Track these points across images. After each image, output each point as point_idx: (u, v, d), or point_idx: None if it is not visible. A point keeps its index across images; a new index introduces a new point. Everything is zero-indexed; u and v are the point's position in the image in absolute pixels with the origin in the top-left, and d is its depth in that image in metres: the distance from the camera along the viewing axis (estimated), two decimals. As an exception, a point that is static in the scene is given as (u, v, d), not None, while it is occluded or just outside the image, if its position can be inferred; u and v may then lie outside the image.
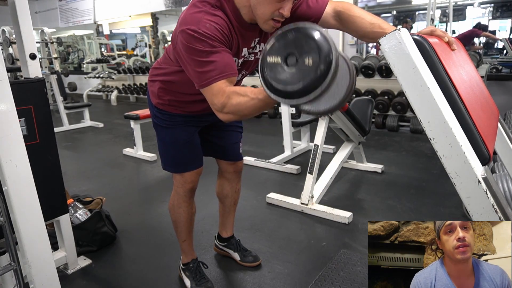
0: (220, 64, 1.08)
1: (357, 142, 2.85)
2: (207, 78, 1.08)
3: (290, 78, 0.89)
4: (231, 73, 1.09)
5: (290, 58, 0.90)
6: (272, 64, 0.92)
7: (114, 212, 2.33)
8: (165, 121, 1.48)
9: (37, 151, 1.55)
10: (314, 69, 0.86)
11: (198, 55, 1.08)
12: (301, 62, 0.88)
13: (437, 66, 0.90)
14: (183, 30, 1.09)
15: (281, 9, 1.10)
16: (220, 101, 1.07)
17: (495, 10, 9.06)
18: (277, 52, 0.92)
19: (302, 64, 0.88)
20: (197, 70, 1.10)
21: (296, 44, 0.89)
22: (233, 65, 1.12)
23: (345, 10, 1.24)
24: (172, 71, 1.36)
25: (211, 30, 1.08)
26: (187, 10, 1.15)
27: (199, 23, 1.08)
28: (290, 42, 0.91)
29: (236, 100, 1.05)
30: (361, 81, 4.85)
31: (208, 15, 1.10)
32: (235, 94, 1.06)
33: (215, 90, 1.08)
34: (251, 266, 1.83)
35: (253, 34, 1.25)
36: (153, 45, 8.50)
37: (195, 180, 1.57)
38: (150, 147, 4.07)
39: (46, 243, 1.25)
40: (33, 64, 1.63)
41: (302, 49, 0.89)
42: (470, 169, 0.84)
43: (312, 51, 0.87)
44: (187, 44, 1.08)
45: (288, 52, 0.90)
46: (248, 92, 1.05)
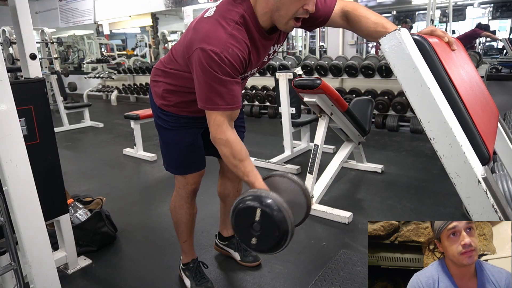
0: (229, 97, 1.14)
1: (357, 142, 2.85)
2: (213, 104, 1.15)
3: (256, 241, 1.09)
4: (236, 106, 1.18)
5: (255, 225, 1.08)
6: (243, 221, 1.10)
7: (114, 212, 2.33)
8: (169, 122, 1.46)
9: (37, 151, 1.55)
10: (273, 245, 1.08)
11: (213, 80, 1.11)
12: (263, 234, 1.07)
13: (437, 66, 0.90)
14: (204, 49, 1.09)
15: (305, 6, 1.11)
16: (218, 135, 1.18)
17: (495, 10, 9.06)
18: (245, 220, 1.09)
19: (264, 236, 1.08)
20: (207, 93, 1.15)
21: (259, 221, 1.07)
22: (239, 98, 1.20)
23: (352, 10, 1.25)
24: (180, 73, 1.33)
25: (233, 58, 1.10)
26: (211, 26, 1.13)
27: (223, 46, 1.08)
28: (252, 217, 1.07)
29: (227, 152, 1.18)
30: (361, 81, 4.86)
31: (233, 39, 1.11)
32: (229, 147, 1.17)
33: (217, 121, 1.17)
34: (251, 266, 1.83)
35: (272, 42, 1.27)
36: (153, 45, 8.50)
37: (197, 181, 1.56)
38: (150, 147, 4.07)
39: (46, 243, 1.25)
40: (33, 64, 1.63)
41: (264, 226, 1.07)
42: (470, 169, 0.84)
43: (272, 231, 1.06)
44: (206, 66, 1.09)
45: (252, 222, 1.07)
46: (243, 156, 1.18)
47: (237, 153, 1.18)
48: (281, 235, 1.06)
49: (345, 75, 4.74)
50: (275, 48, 1.33)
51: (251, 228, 1.09)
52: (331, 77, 4.87)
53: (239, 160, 1.18)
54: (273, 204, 1.05)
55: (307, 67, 4.97)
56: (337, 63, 4.74)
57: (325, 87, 2.25)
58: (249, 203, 1.08)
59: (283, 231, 1.05)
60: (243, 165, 1.18)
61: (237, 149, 1.18)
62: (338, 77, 4.89)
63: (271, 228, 1.06)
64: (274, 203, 1.06)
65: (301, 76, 3.93)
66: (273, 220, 1.05)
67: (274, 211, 1.05)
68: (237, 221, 1.13)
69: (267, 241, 1.09)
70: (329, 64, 4.81)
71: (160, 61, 1.45)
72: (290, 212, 1.06)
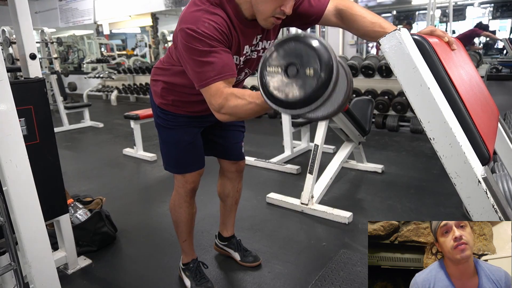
0: (218, 65, 1.07)
1: (357, 142, 2.85)
2: (206, 79, 1.08)
3: (291, 88, 0.87)
4: (229, 73, 1.09)
5: (290, 68, 0.88)
6: (272, 73, 0.90)
7: (114, 212, 2.33)
8: (168, 121, 1.47)
9: (37, 151, 1.55)
10: (315, 80, 0.85)
11: (197, 55, 1.08)
12: (302, 73, 0.86)
13: (437, 66, 0.90)
14: (182, 29, 1.09)
15: (282, 6, 1.10)
16: (218, 102, 1.07)
17: (495, 10, 9.06)
18: (277, 62, 0.89)
19: (304, 75, 0.86)
20: (196, 70, 1.10)
21: (296, 54, 0.87)
22: (232, 66, 1.11)
23: (346, 8, 1.23)
24: (175, 71, 1.35)
25: (210, 30, 1.08)
26: (187, 9, 1.15)
27: (198, 22, 1.08)
28: (290, 52, 0.88)
29: (233, 102, 1.05)
30: (361, 81, 4.85)
31: (207, 13, 1.10)
32: (233, 96, 1.05)
33: (213, 90, 1.08)
34: (251, 266, 1.83)
35: (254, 31, 1.23)
36: (153, 45, 8.50)
37: (196, 180, 1.57)
38: (150, 147, 4.07)
39: (46, 243, 1.25)
40: (33, 64, 1.63)
41: (303, 59, 0.86)
42: (470, 169, 0.84)
43: (313, 62, 0.85)
44: (186, 44, 1.08)
45: (288, 62, 0.88)
46: (246, 95, 1.04)
47: (247, 95, 1.04)
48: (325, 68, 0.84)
49: (345, 75, 4.74)
50: (265, 45, 1.30)
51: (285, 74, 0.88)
52: (331, 77, 4.86)
53: (251, 98, 1.03)
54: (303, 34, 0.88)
55: (307, 67, 4.97)
56: (337, 63, 4.74)
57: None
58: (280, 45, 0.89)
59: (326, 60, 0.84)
60: (250, 95, 1.04)
61: (245, 96, 1.04)
62: (338, 77, 4.88)
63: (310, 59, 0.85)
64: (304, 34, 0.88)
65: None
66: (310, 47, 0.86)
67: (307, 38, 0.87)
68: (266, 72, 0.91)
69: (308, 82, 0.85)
70: (329, 64, 4.81)
71: (159, 60, 1.46)
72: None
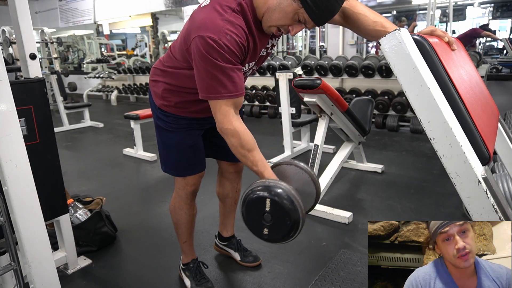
0: (231, 84, 1.12)
1: (357, 142, 2.85)
2: (216, 93, 1.12)
3: (266, 233, 1.11)
4: (239, 93, 1.15)
5: (266, 216, 1.08)
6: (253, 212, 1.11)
7: (114, 212, 2.33)
8: (170, 124, 1.44)
9: (37, 151, 1.55)
10: (283, 235, 1.10)
11: (213, 67, 1.09)
12: (274, 224, 1.08)
13: (437, 66, 0.90)
14: (202, 36, 1.07)
15: (291, 27, 1.12)
16: (225, 125, 1.15)
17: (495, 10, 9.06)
18: (257, 212, 1.09)
19: (275, 227, 1.08)
20: (207, 81, 1.12)
21: (272, 211, 1.07)
22: (242, 85, 1.16)
23: (350, 7, 1.24)
24: (178, 72, 1.32)
25: (232, 44, 1.08)
26: (207, 13, 1.12)
27: (220, 33, 1.07)
28: (263, 207, 1.08)
29: (235, 142, 1.15)
30: (361, 81, 4.86)
31: (230, 24, 1.09)
32: (237, 138, 1.15)
33: (222, 110, 1.14)
34: (251, 266, 1.83)
35: (269, 36, 1.26)
36: (153, 45, 8.50)
37: (197, 183, 1.56)
38: (150, 147, 4.07)
39: (46, 243, 1.25)
40: (33, 64, 1.63)
41: (275, 215, 1.07)
42: (470, 169, 0.84)
43: (284, 220, 1.06)
44: (204, 53, 1.08)
45: (263, 213, 1.08)
46: (251, 145, 1.16)
47: (245, 143, 1.15)
48: (292, 223, 1.06)
49: (345, 75, 4.75)
50: (273, 42, 1.32)
51: (262, 219, 1.09)
52: (331, 77, 4.87)
53: (248, 150, 1.16)
54: (282, 193, 1.05)
55: (307, 67, 4.97)
56: (337, 63, 4.74)
57: (325, 87, 2.25)
58: (259, 194, 1.07)
59: (294, 219, 1.05)
60: (251, 155, 1.16)
61: (245, 139, 1.15)
62: (338, 77, 4.89)
63: (282, 217, 1.06)
64: (283, 192, 1.05)
65: (301, 76, 3.93)
66: (283, 209, 1.05)
67: (284, 200, 1.05)
68: (248, 212, 1.12)
69: (279, 231, 1.09)
70: (329, 64, 4.82)
71: (159, 60, 1.43)
72: (300, 200, 1.06)
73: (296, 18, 1.09)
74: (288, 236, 1.09)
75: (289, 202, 1.05)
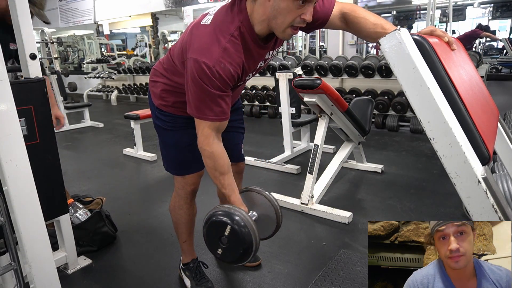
0: (218, 110, 1.18)
1: (357, 142, 2.85)
2: (202, 114, 1.19)
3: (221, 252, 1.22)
4: (224, 117, 1.21)
5: (223, 238, 1.19)
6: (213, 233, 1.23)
7: (114, 212, 2.33)
8: (168, 123, 1.46)
9: (37, 151, 1.55)
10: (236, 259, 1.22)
11: (203, 92, 1.14)
12: (229, 248, 1.20)
13: (437, 66, 0.90)
14: (197, 60, 1.10)
15: (303, 15, 1.10)
16: (204, 146, 1.23)
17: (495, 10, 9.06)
18: (215, 232, 1.21)
19: (229, 249, 1.20)
20: (195, 102, 1.18)
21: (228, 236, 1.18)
22: (228, 111, 1.22)
23: (350, 11, 1.25)
24: (176, 74, 1.34)
25: (225, 73, 1.12)
26: (207, 37, 1.13)
27: (215, 61, 1.10)
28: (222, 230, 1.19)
29: (210, 163, 1.24)
30: (361, 81, 4.86)
31: (226, 53, 1.11)
32: (212, 160, 1.23)
33: (205, 131, 1.21)
34: (251, 266, 1.83)
35: (267, 50, 1.27)
36: (153, 45, 8.50)
37: (196, 182, 1.56)
38: (150, 147, 4.07)
39: (46, 243, 1.25)
40: (33, 64, 1.63)
41: (231, 240, 1.18)
42: (470, 169, 0.84)
43: (237, 247, 1.18)
44: (196, 76, 1.11)
45: (221, 236, 1.19)
46: (224, 170, 1.25)
47: (219, 166, 1.24)
48: (245, 251, 1.18)
49: (345, 75, 4.74)
50: (273, 53, 1.33)
51: (219, 240, 1.20)
52: (331, 77, 4.87)
53: (220, 173, 1.25)
54: (241, 222, 1.16)
55: (307, 67, 4.97)
56: (337, 63, 4.74)
57: (325, 87, 2.25)
58: (222, 218, 1.19)
59: (247, 248, 1.17)
60: (223, 178, 1.26)
61: (219, 163, 1.24)
62: (338, 77, 4.89)
63: (237, 244, 1.17)
64: (242, 221, 1.16)
65: (301, 76, 3.93)
66: (239, 238, 1.16)
67: (242, 228, 1.16)
68: (208, 231, 1.24)
69: (231, 254, 1.21)
70: (329, 64, 4.82)
71: (159, 61, 1.45)
72: (256, 231, 1.18)
73: (297, 5, 1.08)
74: (238, 260, 1.22)
75: (246, 231, 1.15)
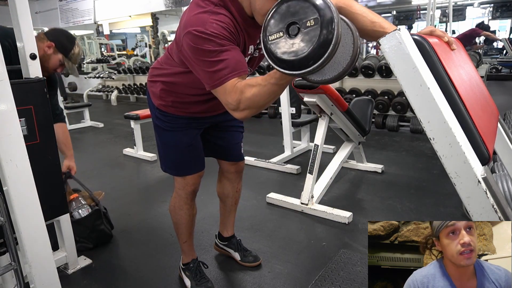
0: (231, 61, 1.06)
1: (357, 142, 2.85)
2: (219, 78, 1.06)
3: (299, 46, 0.87)
4: (243, 70, 1.08)
5: (291, 28, 0.88)
6: (275, 41, 0.91)
7: (114, 212, 2.33)
8: (167, 123, 1.45)
9: (37, 151, 1.55)
10: (319, 26, 0.85)
11: (207, 56, 1.06)
12: (304, 27, 0.87)
13: (437, 66, 0.90)
14: (189, 31, 1.07)
15: None
16: (234, 98, 1.05)
17: (495, 10, 9.06)
18: (277, 27, 0.90)
19: (306, 28, 0.86)
20: (207, 70, 1.08)
21: (292, 13, 0.88)
22: (244, 62, 1.10)
23: (346, 6, 1.21)
24: (175, 72, 1.34)
25: (218, 30, 1.07)
26: (190, 11, 1.14)
27: (205, 23, 1.07)
28: (286, 13, 0.89)
29: (250, 92, 1.03)
30: (361, 81, 4.85)
31: (213, 14, 1.09)
32: (248, 87, 1.03)
33: (228, 88, 1.05)
34: (251, 266, 1.83)
35: (258, 31, 1.22)
36: (153, 45, 8.50)
37: (196, 182, 1.56)
38: (150, 147, 4.07)
39: (46, 243, 1.25)
40: (33, 64, 1.62)
41: (300, 15, 0.87)
42: (470, 169, 0.84)
43: (310, 12, 0.86)
44: (194, 46, 1.07)
45: (287, 23, 0.89)
46: (258, 80, 1.03)
47: (259, 80, 1.04)
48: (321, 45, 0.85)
49: (345, 75, 4.74)
50: None
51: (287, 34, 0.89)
52: (331, 77, 4.86)
53: (264, 81, 1.03)
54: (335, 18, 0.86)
55: (307, 67, 4.97)
56: (337, 63, 4.74)
57: (325, 87, 2.25)
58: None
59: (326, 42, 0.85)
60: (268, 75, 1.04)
61: (255, 80, 1.05)
62: (338, 77, 4.88)
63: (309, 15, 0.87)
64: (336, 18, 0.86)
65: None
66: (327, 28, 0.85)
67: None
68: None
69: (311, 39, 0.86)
70: (329, 64, 4.81)
71: (157, 61, 1.45)
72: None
73: None
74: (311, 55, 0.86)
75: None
